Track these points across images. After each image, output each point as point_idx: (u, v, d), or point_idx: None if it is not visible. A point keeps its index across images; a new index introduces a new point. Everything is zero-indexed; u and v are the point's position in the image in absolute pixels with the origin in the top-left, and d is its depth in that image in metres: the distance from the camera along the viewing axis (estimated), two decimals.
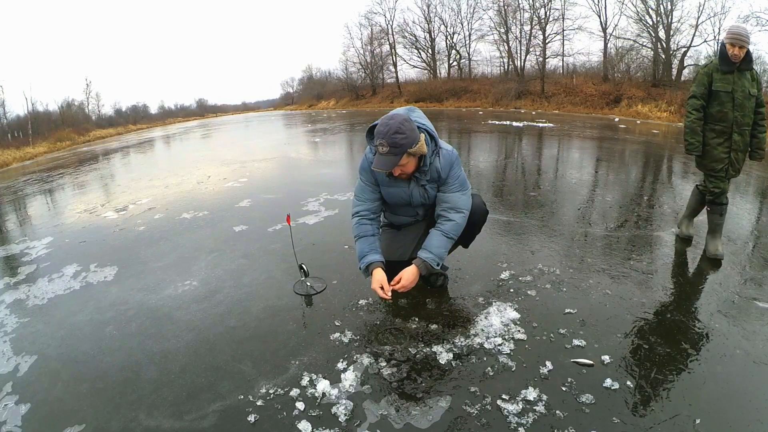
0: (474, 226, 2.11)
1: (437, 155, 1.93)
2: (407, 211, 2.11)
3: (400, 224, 2.18)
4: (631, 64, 17.47)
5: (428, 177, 1.95)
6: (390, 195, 2.03)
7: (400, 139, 1.75)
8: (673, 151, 7.14)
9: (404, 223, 2.17)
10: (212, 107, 44.57)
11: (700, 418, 1.35)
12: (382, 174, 1.96)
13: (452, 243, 1.97)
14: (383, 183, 2.00)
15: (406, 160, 1.83)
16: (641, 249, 2.72)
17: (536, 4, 19.60)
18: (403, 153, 1.78)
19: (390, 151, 1.76)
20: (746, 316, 1.93)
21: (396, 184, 1.98)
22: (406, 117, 1.81)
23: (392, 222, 2.21)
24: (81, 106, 27.75)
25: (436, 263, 1.89)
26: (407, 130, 1.77)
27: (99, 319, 2.18)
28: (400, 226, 2.19)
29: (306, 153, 8.05)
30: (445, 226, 1.93)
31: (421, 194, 2.00)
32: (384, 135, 1.76)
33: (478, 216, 2.10)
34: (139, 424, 1.45)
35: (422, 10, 24.59)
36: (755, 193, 4.39)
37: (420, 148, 1.82)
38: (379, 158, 1.80)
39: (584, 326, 1.84)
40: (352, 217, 2.05)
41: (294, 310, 2.12)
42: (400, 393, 1.52)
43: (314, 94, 32.42)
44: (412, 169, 1.89)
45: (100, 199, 5.17)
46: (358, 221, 2.02)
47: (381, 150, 1.77)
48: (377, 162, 1.81)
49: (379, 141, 1.77)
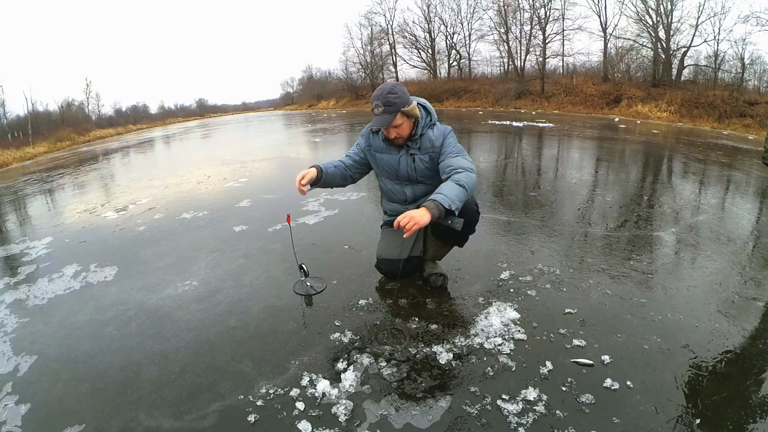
0: (467, 225, 2.03)
1: (430, 128, 2.04)
2: (396, 190, 2.16)
3: (394, 213, 2.16)
4: (631, 64, 17.47)
5: (419, 146, 2.03)
6: (382, 162, 2.13)
7: (393, 98, 1.91)
8: (673, 151, 7.14)
9: (397, 213, 2.08)
10: (212, 107, 44.58)
11: (700, 418, 1.35)
12: (378, 141, 2.11)
13: (465, 193, 1.76)
14: (378, 149, 2.13)
15: (401, 120, 1.96)
16: (641, 249, 2.72)
17: (536, 4, 19.61)
18: (397, 111, 1.92)
19: (385, 110, 1.91)
20: (746, 316, 1.93)
21: (389, 151, 2.09)
22: (397, 82, 2.00)
23: (387, 210, 2.27)
24: (81, 106, 27.76)
25: (447, 203, 1.69)
26: (399, 92, 1.94)
27: (99, 319, 2.18)
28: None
29: (306, 153, 8.05)
30: (454, 176, 1.80)
31: (408, 164, 2.06)
32: (378, 96, 1.92)
33: (471, 214, 2.02)
34: (139, 424, 1.45)
35: (422, 10, 24.58)
36: (755, 193, 4.39)
37: (413, 110, 1.96)
38: (375, 119, 1.95)
39: (584, 326, 1.84)
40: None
41: (294, 310, 2.12)
42: (400, 393, 1.51)
43: (314, 94, 32.39)
44: (407, 132, 2.00)
45: (100, 199, 5.17)
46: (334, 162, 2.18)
47: (377, 111, 1.93)
48: (375, 121, 1.96)
49: (375, 103, 1.93)
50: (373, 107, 1.95)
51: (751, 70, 14.34)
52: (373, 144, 2.14)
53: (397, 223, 1.64)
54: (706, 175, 5.21)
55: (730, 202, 3.98)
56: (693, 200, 3.97)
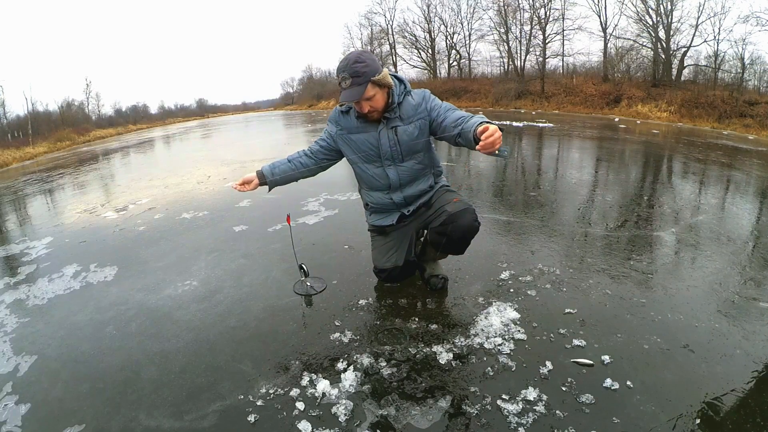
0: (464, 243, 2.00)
1: (408, 95, 1.85)
2: (377, 174, 1.95)
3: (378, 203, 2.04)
4: (631, 64, 17.49)
5: (398, 115, 1.83)
6: (359, 143, 1.91)
7: (361, 68, 1.68)
8: (673, 151, 7.14)
9: (381, 204, 2.03)
10: (212, 107, 44.48)
11: (700, 418, 1.35)
12: (350, 120, 1.89)
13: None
14: (352, 129, 1.91)
15: (373, 91, 1.73)
16: (641, 249, 2.72)
17: (536, 4, 19.63)
18: (367, 82, 1.70)
19: (353, 81, 1.69)
20: (746, 316, 1.93)
21: (365, 129, 1.88)
22: (364, 49, 1.82)
23: (369, 202, 2.08)
24: (81, 106, 27.68)
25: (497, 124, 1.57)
26: (367, 59, 1.71)
27: (99, 319, 2.17)
28: (383, 228, 2.08)
29: None
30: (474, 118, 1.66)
31: (391, 139, 1.85)
32: (344, 68, 1.70)
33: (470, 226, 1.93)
34: (139, 424, 1.45)
35: (422, 10, 24.62)
36: (755, 193, 4.39)
37: (385, 77, 1.74)
38: (344, 93, 1.72)
39: (584, 326, 1.84)
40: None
41: (294, 310, 2.12)
42: (400, 393, 1.51)
43: (314, 94, 32.36)
44: (381, 104, 1.79)
45: (100, 199, 5.17)
46: (298, 152, 2.07)
47: (344, 84, 1.71)
48: (344, 95, 1.73)
49: (342, 76, 1.70)
50: (339, 81, 1.72)
51: (751, 70, 14.33)
52: (346, 125, 1.91)
53: (491, 144, 1.43)
54: (706, 175, 5.21)
55: (730, 202, 3.98)
56: (693, 200, 3.97)
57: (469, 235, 1.96)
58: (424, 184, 2.03)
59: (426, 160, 1.99)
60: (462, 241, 1.97)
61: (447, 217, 1.91)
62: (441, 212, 1.96)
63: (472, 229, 1.93)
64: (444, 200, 2.00)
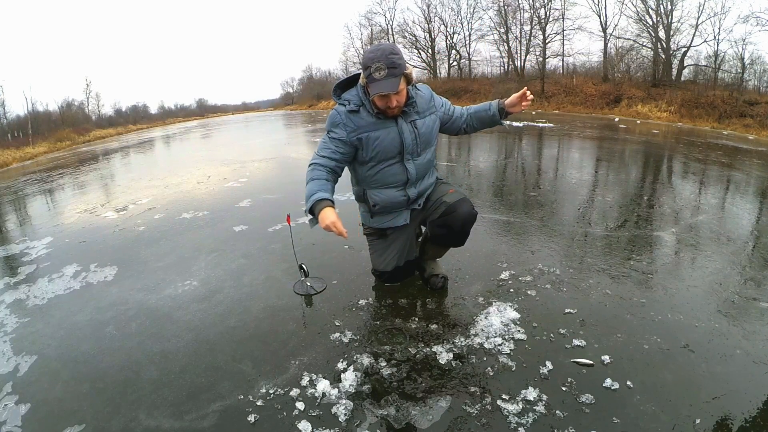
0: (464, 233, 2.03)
1: (416, 88, 1.89)
2: (396, 171, 1.90)
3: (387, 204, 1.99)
4: (631, 64, 17.48)
5: (416, 109, 1.85)
6: (378, 141, 1.83)
7: (396, 59, 1.64)
8: (673, 151, 7.14)
9: (392, 202, 1.98)
10: (212, 107, 44.47)
11: (700, 418, 1.35)
12: (363, 118, 1.80)
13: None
14: (370, 127, 1.81)
15: (403, 85, 1.72)
16: (641, 249, 2.72)
17: (536, 4, 19.61)
18: (401, 75, 1.67)
19: (389, 73, 1.62)
20: (746, 316, 1.93)
21: (384, 125, 1.81)
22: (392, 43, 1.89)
23: (378, 203, 1.98)
24: (81, 106, 27.68)
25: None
26: (399, 52, 1.69)
27: (99, 319, 2.17)
28: (386, 230, 2.06)
29: (306, 153, 8.04)
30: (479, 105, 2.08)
31: (411, 131, 1.85)
32: (380, 58, 1.62)
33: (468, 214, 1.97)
34: (139, 424, 1.45)
35: (422, 10, 24.54)
36: (755, 193, 4.39)
37: (411, 71, 1.75)
38: (378, 84, 1.64)
39: (584, 326, 1.84)
40: (308, 167, 1.88)
41: (294, 310, 2.12)
42: (400, 393, 1.51)
43: (314, 94, 32.34)
44: (404, 99, 1.78)
45: (100, 199, 5.17)
46: (313, 167, 1.85)
47: (379, 75, 1.63)
48: (378, 86, 1.64)
49: (376, 65, 1.62)
50: (372, 71, 1.63)
51: (751, 70, 14.34)
52: (360, 124, 1.81)
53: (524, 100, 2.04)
54: (706, 175, 5.21)
55: (730, 202, 3.98)
56: (693, 200, 3.97)
57: (468, 224, 1.99)
58: (432, 177, 2.09)
59: (434, 154, 2.04)
60: (462, 230, 2.00)
61: (446, 207, 1.96)
62: (439, 204, 2.00)
63: (470, 217, 1.97)
64: (440, 192, 2.05)
